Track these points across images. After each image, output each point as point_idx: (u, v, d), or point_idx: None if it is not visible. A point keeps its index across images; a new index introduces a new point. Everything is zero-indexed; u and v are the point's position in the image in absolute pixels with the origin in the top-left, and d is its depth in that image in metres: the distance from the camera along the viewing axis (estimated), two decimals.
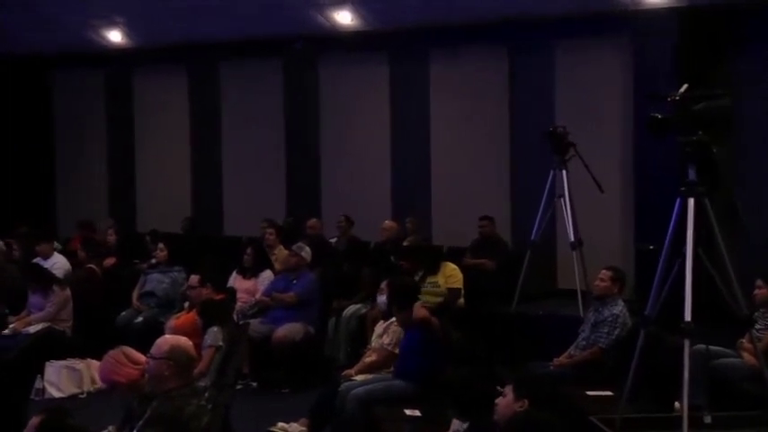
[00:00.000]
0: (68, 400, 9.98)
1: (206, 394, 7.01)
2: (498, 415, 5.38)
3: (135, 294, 11.75)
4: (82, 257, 12.31)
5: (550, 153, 11.05)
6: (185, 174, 16.37)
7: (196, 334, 8.05)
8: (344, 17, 13.71)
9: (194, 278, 9.21)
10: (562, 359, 8.64)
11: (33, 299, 10.87)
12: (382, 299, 9.05)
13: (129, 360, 6.51)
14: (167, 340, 5.98)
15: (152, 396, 6.12)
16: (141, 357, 6.59)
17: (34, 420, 4.80)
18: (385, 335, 8.46)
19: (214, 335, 8.19)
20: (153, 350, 5.91)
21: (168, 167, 16.53)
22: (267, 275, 11.22)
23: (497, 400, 5.45)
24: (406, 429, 7.47)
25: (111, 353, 6.53)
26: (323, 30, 14.05)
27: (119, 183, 17.16)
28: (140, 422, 5.81)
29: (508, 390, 5.42)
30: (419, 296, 8.75)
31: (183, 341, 6.03)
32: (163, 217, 15.64)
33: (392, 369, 8.24)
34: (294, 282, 10.80)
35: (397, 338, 8.32)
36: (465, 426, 5.96)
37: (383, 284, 9.23)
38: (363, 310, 10.86)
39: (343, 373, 8.53)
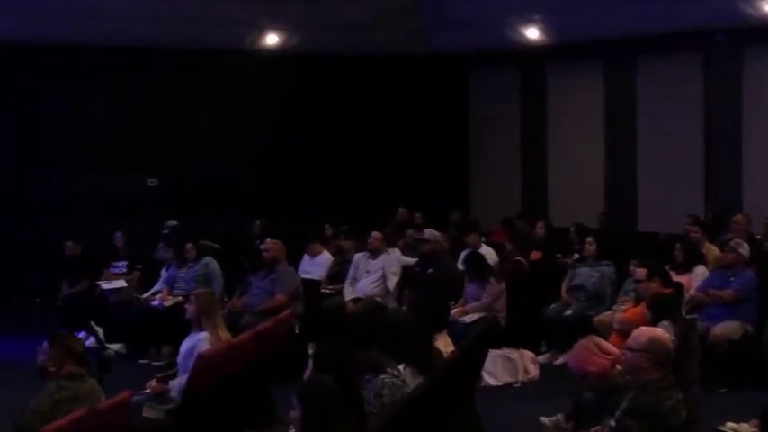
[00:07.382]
0: (503, 388, 10.25)
1: None
2: None
3: (564, 287, 11.78)
4: (509, 250, 12.61)
5: None
6: (599, 169, 16.40)
7: None
8: None
9: (641, 272, 9.18)
10: None
11: (470, 288, 11.23)
12: None
13: (600, 350, 6.63)
14: (645, 332, 5.99)
15: (622, 388, 6.19)
16: (612, 348, 6.69)
17: None
18: None
19: (666, 329, 8.13)
20: (630, 342, 5.95)
21: (581, 163, 16.62)
22: (701, 271, 10.99)
23: None
24: None
25: (582, 342, 6.67)
26: (749, 20, 13.62)
27: (532, 178, 17.46)
28: (618, 412, 5.89)
29: None
30: None
31: (660, 333, 6.05)
32: (575, 212, 15.72)
33: None
34: (731, 279, 10.50)
35: None
36: None
37: None
38: None
39: None
